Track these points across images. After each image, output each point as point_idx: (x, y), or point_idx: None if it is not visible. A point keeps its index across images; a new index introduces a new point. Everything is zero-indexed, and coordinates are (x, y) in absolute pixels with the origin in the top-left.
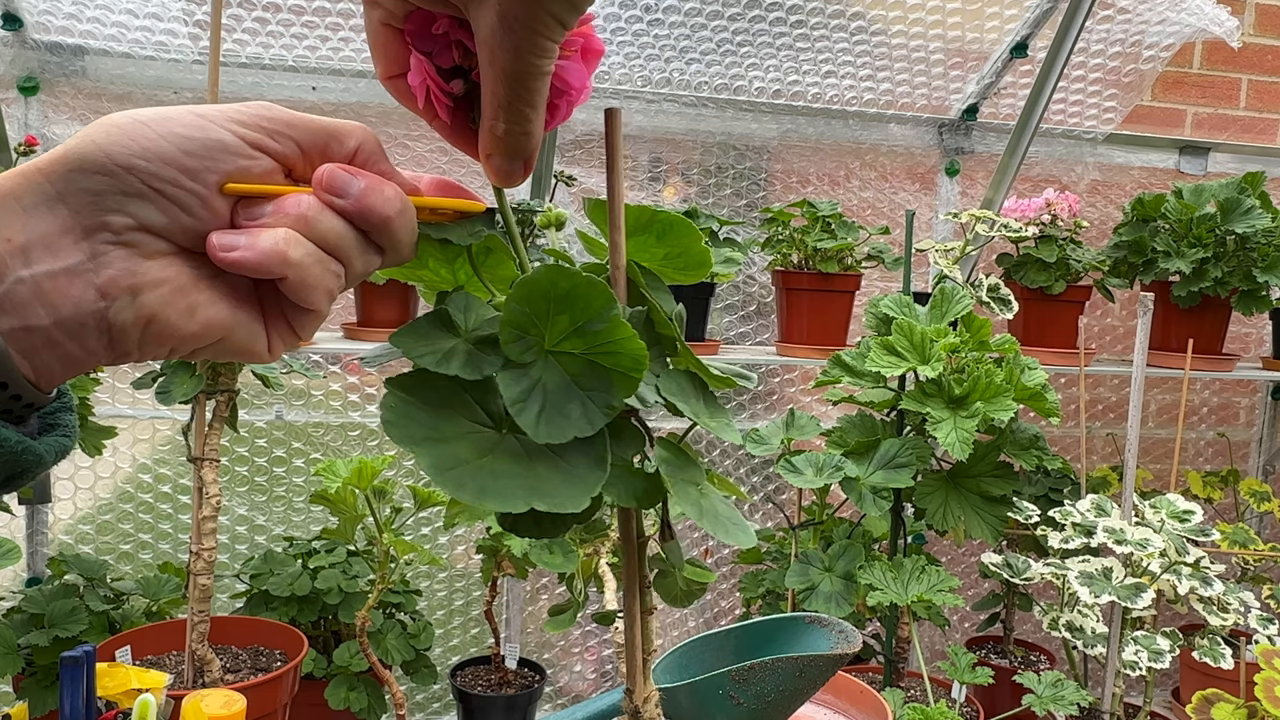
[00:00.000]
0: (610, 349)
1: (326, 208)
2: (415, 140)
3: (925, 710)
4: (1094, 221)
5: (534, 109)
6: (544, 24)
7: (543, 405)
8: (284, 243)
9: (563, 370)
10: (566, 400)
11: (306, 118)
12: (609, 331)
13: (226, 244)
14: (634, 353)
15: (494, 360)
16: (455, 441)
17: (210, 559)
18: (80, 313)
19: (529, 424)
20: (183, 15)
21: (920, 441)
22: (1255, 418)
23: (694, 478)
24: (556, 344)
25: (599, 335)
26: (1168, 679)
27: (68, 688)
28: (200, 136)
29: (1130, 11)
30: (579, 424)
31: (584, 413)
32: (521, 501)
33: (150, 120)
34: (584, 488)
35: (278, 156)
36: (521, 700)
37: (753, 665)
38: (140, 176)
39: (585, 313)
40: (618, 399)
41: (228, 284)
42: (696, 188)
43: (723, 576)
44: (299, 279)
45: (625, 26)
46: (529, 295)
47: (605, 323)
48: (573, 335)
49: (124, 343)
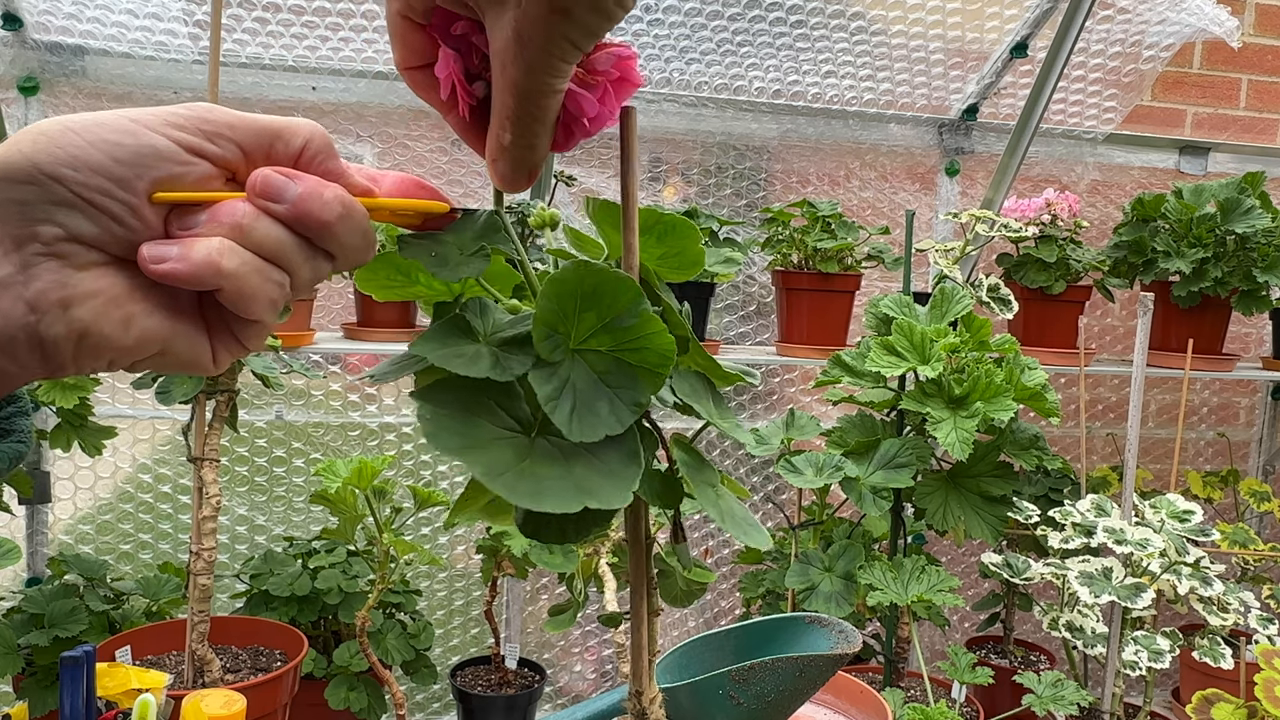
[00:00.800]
0: (638, 344)
1: (263, 214)
2: (415, 140)
3: (925, 710)
4: (1094, 221)
5: (542, 125)
6: (558, 46)
7: (574, 404)
8: (217, 253)
9: (589, 368)
10: (595, 398)
11: (249, 118)
12: (639, 327)
13: (157, 255)
14: (662, 348)
15: (522, 360)
16: (492, 447)
17: (210, 559)
18: (9, 326)
19: (563, 422)
20: (183, 15)
21: (920, 441)
22: (1255, 418)
23: (711, 479)
24: (583, 342)
25: (628, 331)
26: (1168, 679)
27: (68, 688)
28: (131, 143)
29: (1130, 11)
30: (609, 422)
31: (612, 410)
32: (575, 502)
33: (79, 127)
34: (624, 484)
35: (217, 161)
36: (521, 700)
37: (753, 665)
38: (68, 186)
39: (613, 309)
40: (645, 395)
41: (166, 294)
42: (696, 188)
43: (723, 576)
44: (236, 290)
45: (625, 26)
46: (559, 293)
47: (635, 318)
48: (600, 332)
49: (58, 357)
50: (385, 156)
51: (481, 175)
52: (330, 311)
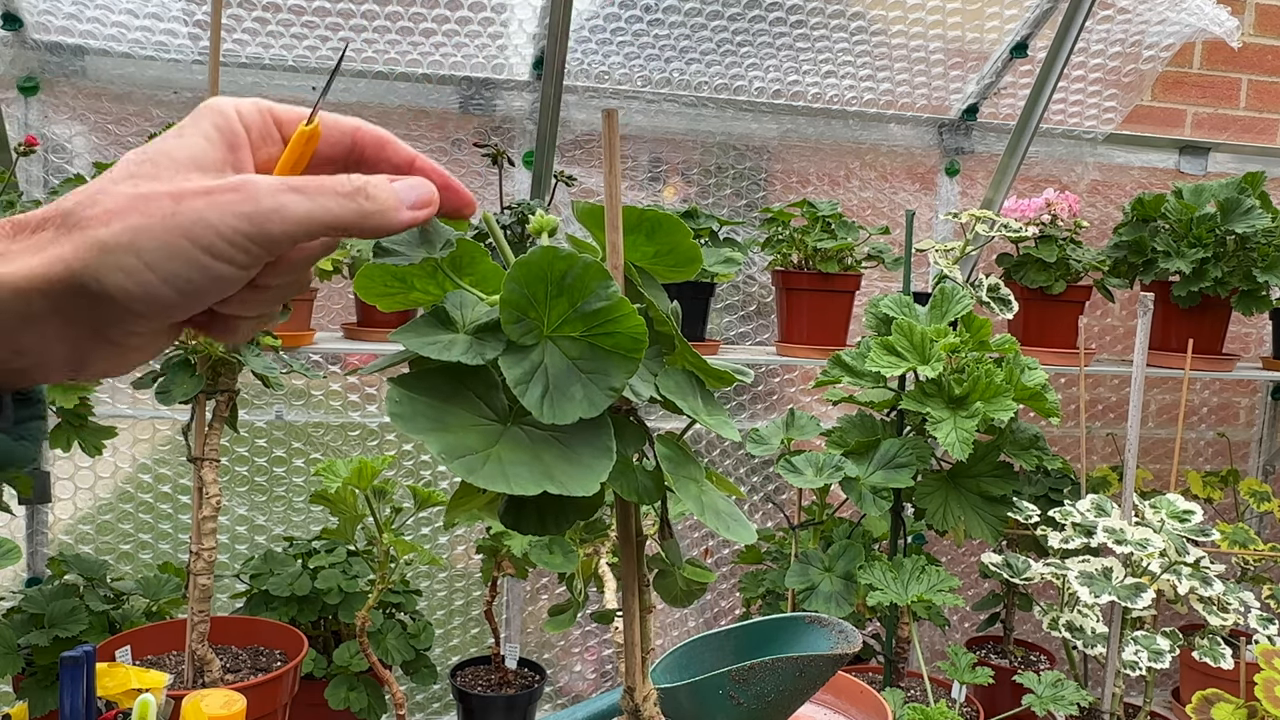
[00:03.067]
0: (609, 328)
1: None
2: (415, 140)
3: (925, 710)
4: (1094, 221)
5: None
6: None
7: (546, 387)
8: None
9: (563, 354)
10: (569, 383)
11: (304, 247)
12: (608, 310)
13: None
14: (632, 331)
15: (494, 345)
16: (462, 431)
17: (210, 559)
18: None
19: (534, 404)
20: (183, 15)
21: (920, 441)
22: (1255, 418)
23: (694, 474)
24: (556, 328)
25: (598, 315)
26: (1168, 679)
27: (68, 688)
28: (200, 280)
29: (1130, 11)
30: (582, 405)
31: (586, 394)
32: (533, 484)
33: (150, 253)
34: (592, 473)
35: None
36: (521, 700)
37: (753, 665)
38: (139, 312)
39: (582, 292)
40: (619, 380)
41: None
42: (696, 188)
43: (723, 576)
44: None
45: (625, 26)
46: (527, 276)
47: (604, 300)
48: (572, 318)
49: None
50: None
51: (481, 175)
52: (330, 311)
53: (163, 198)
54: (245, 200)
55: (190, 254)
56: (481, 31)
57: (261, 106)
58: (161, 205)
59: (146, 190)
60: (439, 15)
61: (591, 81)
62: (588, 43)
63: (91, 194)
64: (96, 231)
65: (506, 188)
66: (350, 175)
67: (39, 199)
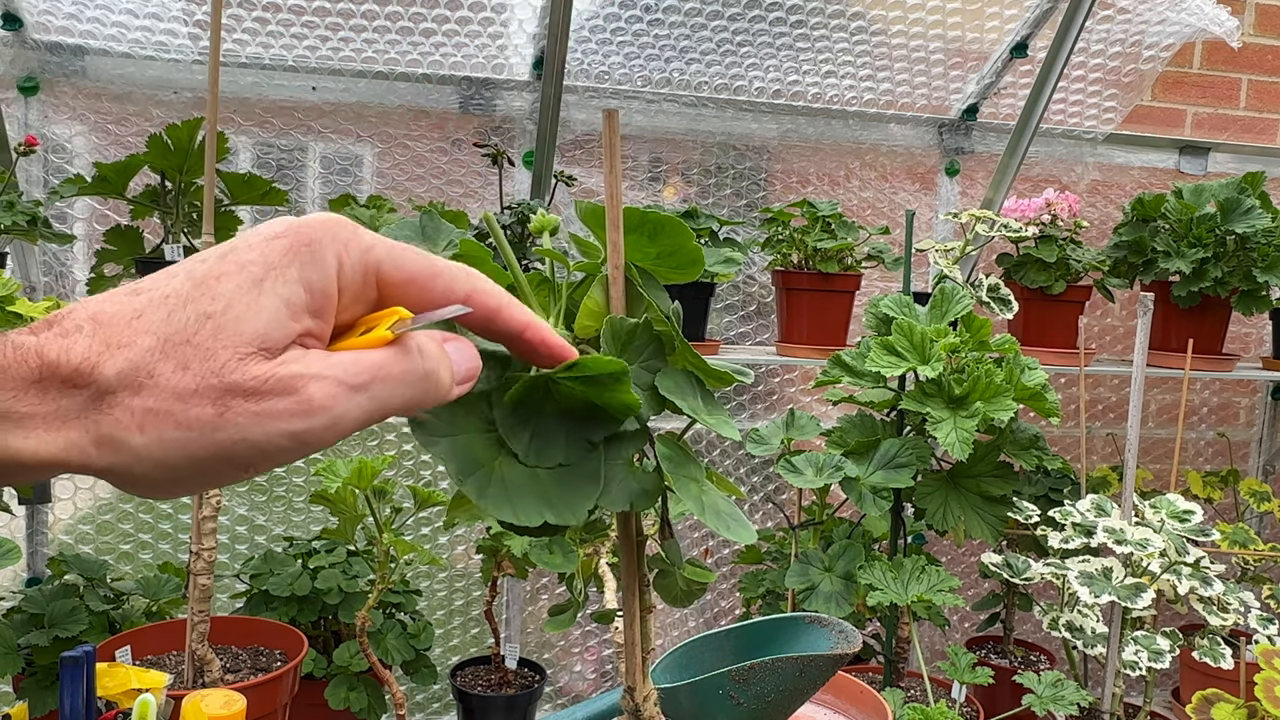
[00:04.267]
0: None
1: None
2: (415, 140)
3: (925, 710)
4: (1094, 221)
5: None
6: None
7: (532, 434)
8: None
9: (559, 404)
10: (555, 432)
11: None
12: (615, 392)
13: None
14: (626, 403)
15: (491, 376)
16: (469, 435)
17: (210, 559)
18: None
19: (520, 448)
20: (183, 15)
21: (920, 441)
22: (1255, 418)
23: (694, 474)
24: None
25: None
26: (1168, 679)
27: (68, 688)
28: (226, 482)
29: (1130, 11)
30: (564, 454)
31: (566, 445)
32: (536, 515)
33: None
34: (583, 499)
35: None
36: (521, 700)
37: (753, 665)
38: (153, 496)
39: (599, 378)
40: (598, 437)
41: None
42: (696, 188)
43: (723, 576)
44: None
45: (625, 26)
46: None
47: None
48: (581, 381)
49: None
50: (385, 156)
51: (481, 175)
52: None
53: (206, 405)
54: (298, 415)
55: (223, 470)
56: (481, 31)
57: (370, 264)
58: (203, 415)
59: (193, 385)
60: (439, 15)
61: (591, 81)
62: (588, 43)
63: (137, 367)
64: (129, 438)
65: (506, 188)
66: (419, 348)
67: (39, 199)
